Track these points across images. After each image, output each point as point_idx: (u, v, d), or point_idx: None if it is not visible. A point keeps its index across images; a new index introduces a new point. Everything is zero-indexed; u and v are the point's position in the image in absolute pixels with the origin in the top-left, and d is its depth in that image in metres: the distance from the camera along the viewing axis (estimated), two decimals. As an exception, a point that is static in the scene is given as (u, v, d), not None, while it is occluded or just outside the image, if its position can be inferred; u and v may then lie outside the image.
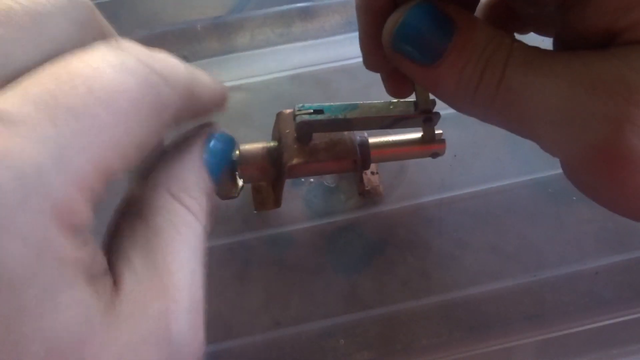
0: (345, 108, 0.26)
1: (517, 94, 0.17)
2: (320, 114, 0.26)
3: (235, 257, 0.32)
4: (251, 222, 0.33)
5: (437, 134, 0.29)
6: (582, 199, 0.34)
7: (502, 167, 0.34)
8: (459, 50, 0.17)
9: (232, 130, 0.37)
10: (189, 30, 0.42)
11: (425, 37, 0.18)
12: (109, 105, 0.14)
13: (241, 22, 0.42)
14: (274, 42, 0.42)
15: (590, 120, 0.16)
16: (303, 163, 0.28)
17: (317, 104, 0.27)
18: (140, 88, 0.15)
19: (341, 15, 0.43)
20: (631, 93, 0.16)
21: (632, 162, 0.16)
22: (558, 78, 0.17)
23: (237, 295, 0.30)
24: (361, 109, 0.26)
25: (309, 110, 0.26)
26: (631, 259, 0.31)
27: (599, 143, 0.16)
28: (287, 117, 0.29)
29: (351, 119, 0.26)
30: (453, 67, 0.18)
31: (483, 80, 0.17)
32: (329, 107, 0.26)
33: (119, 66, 0.15)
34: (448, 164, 0.34)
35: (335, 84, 0.39)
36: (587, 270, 0.31)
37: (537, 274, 0.31)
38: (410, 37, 0.18)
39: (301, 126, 0.26)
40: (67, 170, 0.13)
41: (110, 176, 0.14)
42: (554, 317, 0.29)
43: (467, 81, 0.18)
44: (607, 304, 0.30)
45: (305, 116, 0.26)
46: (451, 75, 0.18)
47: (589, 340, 0.29)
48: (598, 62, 0.16)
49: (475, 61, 0.17)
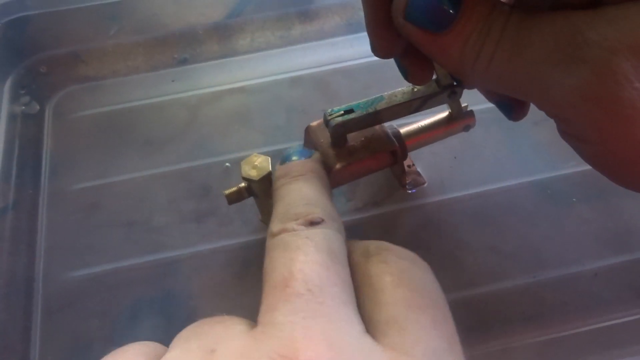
0: (373, 102, 0.27)
1: (511, 53, 0.19)
2: (351, 113, 0.27)
3: (236, 258, 0.32)
4: (251, 224, 0.33)
5: (464, 107, 0.30)
6: (582, 200, 0.35)
7: (502, 169, 0.35)
8: (466, 19, 0.19)
9: (233, 131, 0.37)
10: (189, 33, 0.42)
11: (436, 6, 0.19)
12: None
13: (241, 24, 0.42)
14: (273, 45, 0.42)
15: (573, 67, 0.18)
16: (346, 166, 0.28)
17: (344, 106, 0.27)
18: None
19: (340, 17, 0.43)
20: (612, 51, 0.17)
21: (615, 106, 0.17)
22: (544, 34, 0.18)
23: (237, 295, 0.31)
24: (388, 99, 0.27)
25: (339, 112, 0.27)
26: (630, 259, 0.31)
27: (582, 85, 0.17)
28: (317, 129, 0.29)
29: (381, 110, 0.27)
30: (460, 34, 0.19)
31: (485, 45, 0.19)
32: (357, 105, 0.27)
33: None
34: (448, 165, 0.34)
35: (334, 86, 0.39)
36: (587, 271, 0.31)
37: (537, 275, 0.31)
38: (422, 7, 0.20)
39: (336, 129, 0.27)
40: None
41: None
42: (553, 317, 0.29)
43: (471, 47, 0.19)
44: (607, 304, 0.30)
45: (338, 119, 0.27)
46: (458, 43, 0.20)
47: (589, 341, 0.29)
48: (580, 21, 0.18)
49: (480, 28, 0.19)
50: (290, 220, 0.20)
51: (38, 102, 0.39)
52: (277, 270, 0.18)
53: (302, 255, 0.18)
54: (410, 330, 0.17)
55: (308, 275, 0.18)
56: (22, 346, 0.30)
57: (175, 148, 0.37)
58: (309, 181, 0.24)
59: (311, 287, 0.17)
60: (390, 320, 0.17)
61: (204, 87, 0.40)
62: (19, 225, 0.34)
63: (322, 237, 0.20)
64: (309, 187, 0.23)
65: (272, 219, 0.22)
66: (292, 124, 0.37)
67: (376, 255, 0.20)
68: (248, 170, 0.28)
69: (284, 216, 0.21)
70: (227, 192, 0.29)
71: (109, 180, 0.35)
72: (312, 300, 0.17)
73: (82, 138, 0.38)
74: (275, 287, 0.18)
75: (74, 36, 0.42)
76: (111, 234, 0.33)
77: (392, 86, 0.38)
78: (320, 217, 0.20)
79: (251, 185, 0.28)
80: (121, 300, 0.31)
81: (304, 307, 0.17)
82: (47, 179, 0.36)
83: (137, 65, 0.41)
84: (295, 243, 0.19)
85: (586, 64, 0.17)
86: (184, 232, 0.33)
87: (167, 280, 0.31)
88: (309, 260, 0.18)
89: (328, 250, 0.19)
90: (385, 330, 0.17)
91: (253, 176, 0.27)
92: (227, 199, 0.29)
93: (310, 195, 0.23)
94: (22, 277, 0.32)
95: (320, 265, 0.18)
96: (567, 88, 0.18)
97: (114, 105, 0.39)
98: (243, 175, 0.28)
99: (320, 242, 0.19)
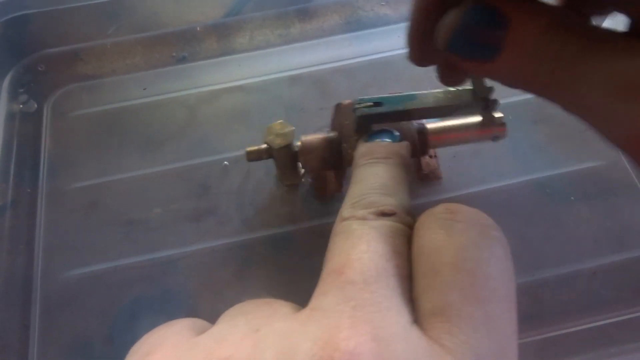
0: (404, 99, 0.27)
1: (566, 85, 0.16)
2: (379, 106, 0.26)
3: (235, 257, 0.32)
4: (251, 222, 0.33)
5: (497, 118, 0.29)
6: (580, 199, 0.35)
7: (501, 168, 0.34)
8: (513, 47, 0.17)
9: (232, 130, 0.37)
10: (188, 32, 0.42)
11: (480, 37, 0.18)
12: None
13: (240, 23, 0.42)
14: (272, 43, 0.42)
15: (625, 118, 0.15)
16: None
17: (376, 97, 0.27)
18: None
19: (340, 15, 0.43)
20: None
21: None
22: (601, 75, 0.15)
23: (236, 294, 0.31)
24: (420, 100, 0.26)
25: (368, 103, 0.27)
26: (629, 258, 0.31)
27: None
28: (346, 109, 0.29)
29: (410, 110, 0.26)
30: (508, 62, 0.17)
31: (538, 73, 0.17)
32: (387, 99, 0.27)
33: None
34: (447, 165, 0.34)
35: (333, 84, 0.39)
36: (586, 270, 0.31)
37: (536, 274, 0.31)
38: (465, 39, 0.18)
39: (360, 119, 0.27)
40: None
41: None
42: (552, 316, 0.30)
43: (522, 72, 0.17)
44: (606, 303, 0.30)
45: (364, 109, 0.26)
46: (507, 68, 0.18)
47: (588, 340, 0.29)
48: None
49: (530, 55, 0.17)
50: (362, 208, 0.20)
51: (36, 100, 0.39)
52: (336, 257, 0.18)
53: (364, 245, 0.18)
54: (460, 329, 0.16)
55: (366, 264, 0.17)
56: (21, 345, 0.30)
57: (174, 147, 0.37)
58: (391, 166, 0.23)
59: (366, 277, 0.17)
60: (440, 312, 0.16)
61: (203, 85, 0.39)
62: (18, 224, 0.34)
63: (389, 230, 0.19)
64: (389, 173, 0.22)
65: (345, 200, 0.21)
66: (291, 122, 0.37)
67: (440, 221, 0.19)
68: (271, 137, 0.30)
69: (357, 202, 0.20)
70: (249, 150, 0.31)
71: (107, 179, 0.35)
72: (365, 289, 0.16)
73: (81, 136, 0.38)
74: (331, 274, 0.18)
75: (72, 34, 0.42)
76: (110, 232, 0.33)
77: (391, 86, 0.38)
78: (393, 210, 0.20)
79: (271, 150, 0.30)
80: (120, 299, 0.31)
81: (355, 295, 0.16)
82: (45, 177, 0.36)
83: (136, 64, 0.41)
84: (360, 231, 0.19)
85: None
86: (182, 231, 0.33)
87: (166, 278, 0.31)
88: (370, 250, 0.18)
89: (393, 243, 0.18)
90: (434, 322, 0.16)
91: (275, 144, 0.30)
92: (247, 155, 0.31)
93: (388, 183, 0.22)
94: (20, 275, 0.32)
95: (380, 256, 0.18)
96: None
97: (113, 103, 0.39)
98: (265, 141, 0.30)
99: (386, 234, 0.19)
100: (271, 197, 0.34)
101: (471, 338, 0.16)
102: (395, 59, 0.40)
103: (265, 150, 0.31)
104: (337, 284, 0.17)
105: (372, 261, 0.17)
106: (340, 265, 0.17)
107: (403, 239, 0.19)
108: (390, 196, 0.21)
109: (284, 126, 0.30)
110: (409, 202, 0.21)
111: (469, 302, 0.17)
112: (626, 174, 0.34)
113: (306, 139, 0.30)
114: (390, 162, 0.23)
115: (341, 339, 0.15)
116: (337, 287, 0.17)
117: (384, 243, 0.18)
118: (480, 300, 0.17)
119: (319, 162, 0.30)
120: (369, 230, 0.19)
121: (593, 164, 0.34)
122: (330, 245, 0.19)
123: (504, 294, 0.18)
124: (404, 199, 0.21)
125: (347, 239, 0.19)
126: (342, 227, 0.19)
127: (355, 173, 0.23)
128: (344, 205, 0.21)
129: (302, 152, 0.30)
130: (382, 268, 0.17)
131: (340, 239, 0.19)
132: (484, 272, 0.17)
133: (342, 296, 0.16)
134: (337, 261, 0.18)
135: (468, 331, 0.16)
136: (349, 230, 0.19)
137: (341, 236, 0.19)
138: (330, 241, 0.19)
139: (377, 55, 0.40)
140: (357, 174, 0.23)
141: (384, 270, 0.17)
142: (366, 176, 0.22)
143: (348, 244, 0.18)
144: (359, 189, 0.21)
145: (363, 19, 0.43)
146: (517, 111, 0.36)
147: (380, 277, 0.17)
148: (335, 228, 0.20)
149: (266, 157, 0.31)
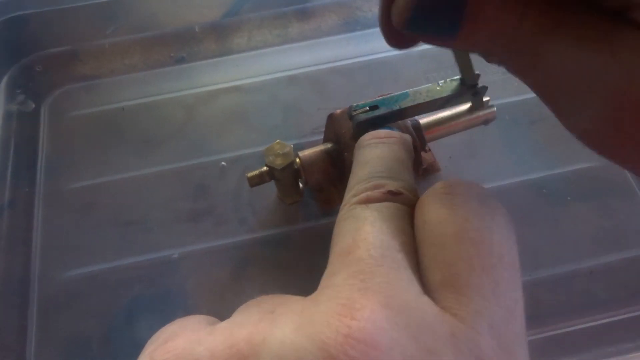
0: (397, 99, 0.27)
1: (528, 59, 0.16)
2: (376, 109, 0.27)
3: (232, 257, 0.32)
4: (248, 223, 0.33)
5: (485, 101, 0.29)
6: (577, 199, 0.35)
7: (497, 168, 0.35)
8: (472, 21, 0.17)
9: (230, 130, 0.37)
10: (187, 32, 0.42)
11: (439, 14, 0.17)
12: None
13: (238, 23, 0.42)
14: (270, 43, 0.42)
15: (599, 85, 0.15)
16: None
17: (369, 101, 0.27)
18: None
19: (337, 15, 0.43)
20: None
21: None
22: (567, 44, 0.15)
23: (234, 295, 0.31)
24: (412, 97, 0.27)
25: (364, 108, 0.27)
26: (626, 258, 0.31)
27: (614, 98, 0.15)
28: (340, 118, 0.29)
29: (406, 108, 0.27)
30: (468, 39, 0.18)
31: (498, 46, 0.17)
32: (382, 101, 0.27)
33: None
34: (443, 166, 0.34)
35: (331, 85, 0.39)
36: (583, 269, 0.31)
37: (533, 274, 0.31)
38: (423, 17, 0.18)
39: (360, 126, 0.27)
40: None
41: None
42: (549, 316, 0.30)
43: (483, 45, 0.17)
44: (603, 303, 0.30)
45: (362, 115, 0.26)
46: (469, 42, 0.18)
47: (584, 339, 0.29)
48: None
49: (488, 32, 0.17)
50: (368, 190, 0.20)
51: (34, 100, 0.39)
52: (343, 240, 0.18)
53: (369, 226, 0.18)
54: (470, 299, 0.16)
55: (371, 242, 0.17)
56: (18, 345, 0.30)
57: (171, 147, 0.37)
58: (395, 146, 0.23)
59: (373, 253, 0.17)
60: (449, 283, 0.17)
61: (201, 86, 0.39)
62: (15, 224, 0.34)
63: (393, 210, 0.19)
64: (393, 154, 0.22)
65: (350, 182, 0.21)
66: (289, 122, 0.37)
67: (441, 197, 0.19)
68: (271, 158, 0.29)
69: (363, 185, 0.20)
70: (250, 175, 0.30)
71: (105, 180, 0.35)
72: (373, 263, 0.17)
73: (79, 137, 0.38)
74: (339, 255, 0.18)
75: (70, 35, 0.42)
76: (107, 233, 0.33)
77: (388, 86, 0.38)
78: (399, 189, 0.20)
79: (273, 171, 0.30)
80: (117, 299, 0.31)
81: (364, 269, 0.17)
82: (43, 178, 0.36)
83: (134, 64, 0.41)
84: (364, 214, 0.19)
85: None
86: (180, 232, 0.33)
87: (164, 279, 0.31)
88: (375, 229, 0.18)
89: (397, 223, 0.19)
90: (444, 294, 0.17)
91: (276, 164, 0.29)
92: (249, 182, 0.30)
93: (392, 165, 0.22)
94: (18, 276, 0.32)
95: (385, 234, 0.18)
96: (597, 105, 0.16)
97: (111, 104, 0.39)
98: (267, 164, 0.29)
99: (390, 215, 0.19)
100: (269, 197, 0.34)
101: (481, 306, 0.16)
102: (392, 59, 0.40)
103: (267, 173, 0.30)
104: (345, 263, 0.17)
105: (378, 239, 0.18)
106: (347, 246, 0.18)
107: (407, 219, 0.19)
108: (393, 178, 0.21)
109: (283, 146, 0.30)
110: (414, 182, 0.21)
111: (476, 272, 0.17)
112: (622, 175, 0.34)
113: (304, 154, 0.30)
114: (394, 141, 0.23)
115: (356, 309, 0.15)
116: (346, 265, 0.17)
117: (389, 222, 0.19)
118: (487, 268, 0.17)
119: (321, 174, 0.30)
120: (371, 212, 0.19)
121: (590, 164, 0.34)
122: (336, 230, 0.19)
123: (508, 261, 0.18)
124: (409, 178, 0.21)
125: (353, 222, 0.19)
126: (347, 212, 0.20)
127: (358, 154, 0.23)
128: (349, 189, 0.21)
129: (304, 168, 0.30)
130: (388, 245, 0.18)
131: (346, 224, 0.19)
132: (487, 240, 0.18)
133: (351, 272, 0.17)
134: (344, 243, 0.18)
135: (478, 300, 0.16)
136: (354, 214, 0.19)
137: (347, 221, 0.19)
138: (336, 227, 0.20)
139: (375, 56, 0.40)
140: (361, 155, 0.23)
141: (390, 247, 0.18)
142: (371, 158, 0.22)
143: (353, 227, 0.19)
144: (363, 172, 0.21)
145: (361, 19, 0.43)
146: (514, 112, 0.37)
147: (387, 253, 0.17)
148: (341, 213, 0.20)
149: (269, 179, 0.30)
